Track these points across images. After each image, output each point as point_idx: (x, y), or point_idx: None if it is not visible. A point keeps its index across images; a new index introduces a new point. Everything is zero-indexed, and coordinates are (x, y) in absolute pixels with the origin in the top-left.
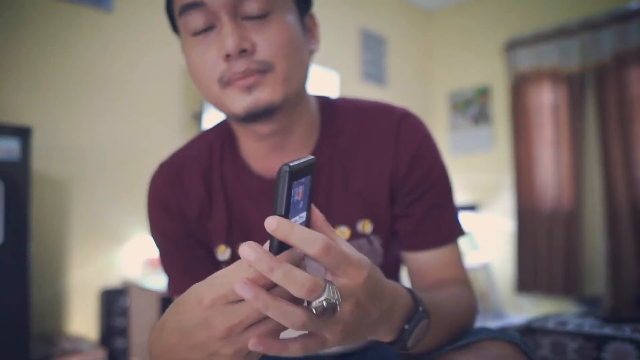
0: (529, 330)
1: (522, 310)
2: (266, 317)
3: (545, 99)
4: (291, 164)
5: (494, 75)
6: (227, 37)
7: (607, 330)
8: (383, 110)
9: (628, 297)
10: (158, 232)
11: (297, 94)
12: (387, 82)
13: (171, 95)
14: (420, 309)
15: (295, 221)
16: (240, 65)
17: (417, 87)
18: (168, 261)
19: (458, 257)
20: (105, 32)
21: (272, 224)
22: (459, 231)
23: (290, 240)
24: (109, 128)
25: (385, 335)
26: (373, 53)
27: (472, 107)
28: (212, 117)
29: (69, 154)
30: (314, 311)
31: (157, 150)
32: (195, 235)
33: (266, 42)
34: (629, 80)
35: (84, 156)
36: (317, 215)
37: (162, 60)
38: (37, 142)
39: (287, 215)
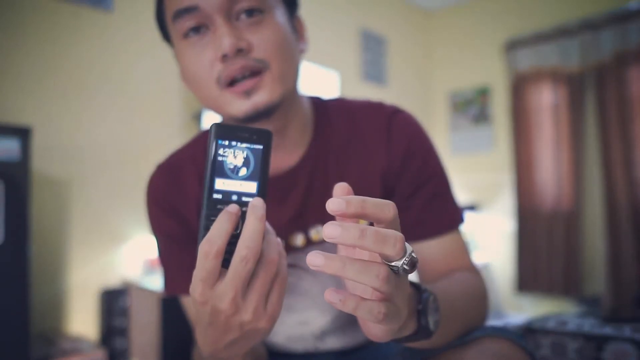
0: (529, 330)
1: (522, 310)
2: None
3: (545, 99)
4: (221, 123)
5: (494, 75)
6: (224, 38)
7: (607, 330)
8: (374, 108)
9: (628, 297)
10: (158, 230)
11: (292, 93)
12: (387, 82)
13: (171, 95)
14: (423, 287)
15: (230, 185)
16: (238, 63)
17: (417, 87)
18: (168, 259)
19: (462, 245)
20: (105, 32)
21: (340, 203)
22: (459, 219)
23: (367, 210)
24: (108, 128)
25: (408, 321)
26: (373, 53)
27: (472, 107)
28: (212, 117)
29: (69, 154)
30: (400, 269)
31: (157, 150)
32: (194, 234)
33: (261, 41)
34: (629, 80)
35: (84, 156)
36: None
37: (162, 60)
38: (37, 142)
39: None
